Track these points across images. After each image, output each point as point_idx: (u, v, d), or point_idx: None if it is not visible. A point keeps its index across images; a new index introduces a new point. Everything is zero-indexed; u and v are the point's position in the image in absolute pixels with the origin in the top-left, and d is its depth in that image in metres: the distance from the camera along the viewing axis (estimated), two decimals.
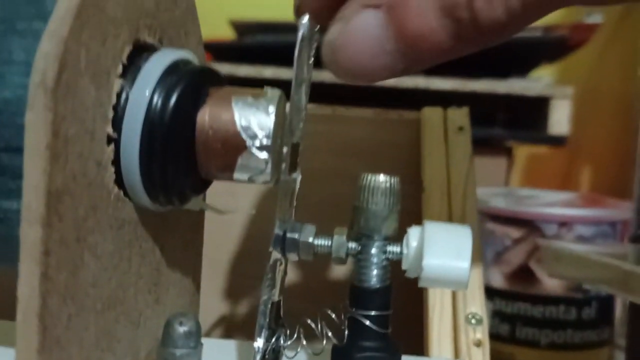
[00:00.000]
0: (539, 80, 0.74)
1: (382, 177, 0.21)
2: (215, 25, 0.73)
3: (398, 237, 0.22)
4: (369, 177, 0.21)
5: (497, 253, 0.55)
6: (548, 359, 0.54)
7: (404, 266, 0.22)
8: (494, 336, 0.54)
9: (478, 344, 0.30)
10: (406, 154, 0.39)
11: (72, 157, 0.18)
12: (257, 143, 0.21)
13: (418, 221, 0.23)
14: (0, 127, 0.18)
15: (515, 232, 0.54)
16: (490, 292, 0.54)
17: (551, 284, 0.54)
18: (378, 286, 0.21)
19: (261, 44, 0.76)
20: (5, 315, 0.27)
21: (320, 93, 0.35)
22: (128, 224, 0.21)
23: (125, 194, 0.21)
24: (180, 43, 0.24)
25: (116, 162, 0.20)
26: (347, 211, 0.23)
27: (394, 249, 0.22)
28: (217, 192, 0.26)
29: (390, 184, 0.21)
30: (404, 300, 0.26)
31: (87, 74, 0.18)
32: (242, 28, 0.79)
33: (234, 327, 0.40)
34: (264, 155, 0.21)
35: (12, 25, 0.19)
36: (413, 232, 0.22)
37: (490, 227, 0.55)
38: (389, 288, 0.22)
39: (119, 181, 0.20)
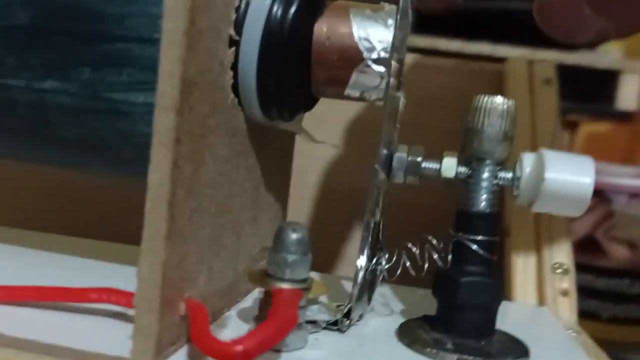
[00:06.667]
0: (608, 53, 0.72)
1: (499, 99, 0.21)
2: None
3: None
4: (485, 99, 0.21)
5: None
6: (609, 332, 0.53)
7: (516, 192, 0.21)
8: None
9: (565, 293, 0.29)
10: None
11: (203, 50, 0.17)
12: (375, 55, 0.20)
13: None
14: (133, 17, 0.18)
15: None
16: None
17: (617, 256, 0.52)
18: (487, 211, 0.21)
19: None
20: (109, 237, 0.28)
21: None
22: (239, 134, 0.21)
23: (239, 103, 0.21)
24: None
25: (234, 68, 0.20)
26: None
27: (506, 174, 0.21)
28: None
29: (508, 106, 0.21)
30: None
31: None
32: None
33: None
34: (380, 68, 0.20)
35: None
36: (527, 157, 0.21)
37: None
38: (497, 214, 0.21)
39: (235, 88, 0.20)
